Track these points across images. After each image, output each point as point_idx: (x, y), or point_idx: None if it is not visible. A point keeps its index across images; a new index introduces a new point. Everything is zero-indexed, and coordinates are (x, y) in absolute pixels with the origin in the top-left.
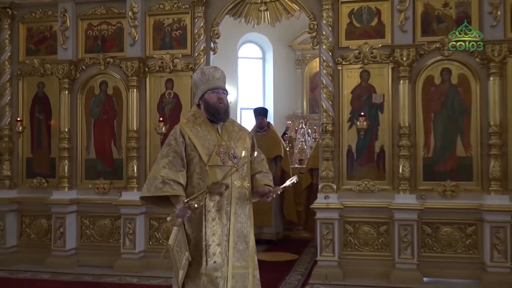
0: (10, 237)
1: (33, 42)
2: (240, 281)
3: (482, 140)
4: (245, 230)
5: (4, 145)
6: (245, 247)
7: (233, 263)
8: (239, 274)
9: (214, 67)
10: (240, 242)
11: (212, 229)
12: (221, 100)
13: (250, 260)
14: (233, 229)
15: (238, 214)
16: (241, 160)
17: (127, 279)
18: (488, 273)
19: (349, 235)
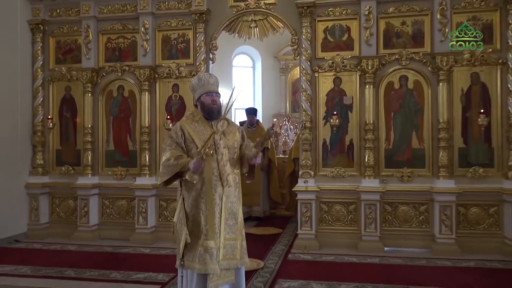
0: (43, 215)
1: (61, 52)
2: (230, 250)
3: (433, 135)
4: (235, 209)
5: (37, 139)
6: (234, 222)
7: (224, 236)
8: (229, 244)
9: (209, 74)
10: (230, 218)
11: (212, 208)
12: (214, 102)
13: (238, 233)
14: (225, 208)
15: (228, 195)
16: (231, 150)
17: (141, 249)
18: (437, 244)
19: (324, 212)
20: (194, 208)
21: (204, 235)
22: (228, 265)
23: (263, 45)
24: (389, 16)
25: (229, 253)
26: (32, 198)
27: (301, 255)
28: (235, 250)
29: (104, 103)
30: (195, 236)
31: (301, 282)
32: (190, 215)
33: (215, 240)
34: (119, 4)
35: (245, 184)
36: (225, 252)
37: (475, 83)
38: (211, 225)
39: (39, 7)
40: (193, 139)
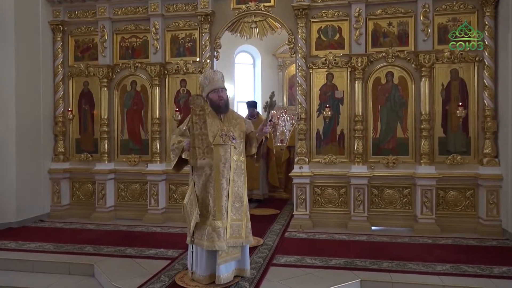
0: (64, 197)
1: (79, 51)
2: (236, 230)
3: (416, 125)
4: (240, 193)
5: (58, 129)
6: (240, 205)
7: (231, 217)
8: (236, 224)
9: (214, 71)
10: (237, 201)
11: (219, 192)
12: (221, 97)
13: (243, 214)
14: (231, 192)
15: (235, 180)
16: (237, 140)
17: (152, 228)
18: (419, 223)
19: (317, 195)
20: (203, 191)
21: (212, 216)
22: (234, 243)
23: (263, 44)
24: (377, 18)
25: (235, 232)
26: (55, 182)
27: (297, 234)
28: (241, 230)
29: (119, 96)
30: (203, 216)
31: (297, 257)
32: (200, 198)
33: (222, 221)
34: (132, 6)
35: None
36: (232, 231)
37: (454, 79)
38: (218, 207)
39: (59, 9)
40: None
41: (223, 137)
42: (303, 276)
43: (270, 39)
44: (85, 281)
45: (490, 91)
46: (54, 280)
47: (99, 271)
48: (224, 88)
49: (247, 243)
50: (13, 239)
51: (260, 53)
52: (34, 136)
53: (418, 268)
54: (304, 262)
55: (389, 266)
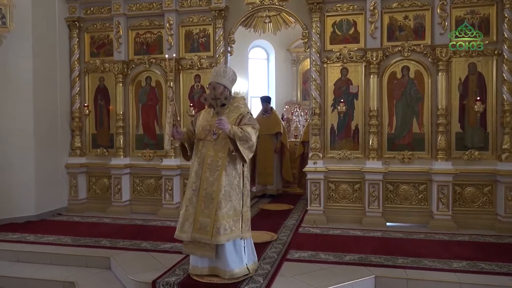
0: (81, 191)
1: (95, 47)
2: (204, 226)
3: (432, 120)
4: (210, 190)
5: (75, 124)
6: (210, 202)
7: (199, 212)
8: (204, 221)
9: (219, 66)
10: (207, 197)
11: (189, 185)
12: (210, 91)
13: (212, 213)
14: (202, 187)
15: (207, 176)
16: (221, 136)
17: (167, 222)
18: (435, 220)
19: (332, 191)
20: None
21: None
22: (199, 238)
23: (276, 38)
24: (392, 11)
25: (202, 228)
26: (72, 177)
27: (311, 229)
28: (208, 227)
29: (134, 92)
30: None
31: (311, 253)
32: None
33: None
34: (146, 2)
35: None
36: (199, 226)
37: (472, 73)
38: (185, 200)
39: (75, 5)
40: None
41: (205, 132)
42: (317, 272)
43: (284, 33)
44: (101, 273)
45: (509, 85)
46: (72, 273)
47: (115, 264)
48: (217, 82)
49: (214, 243)
50: (32, 232)
51: (274, 48)
52: (52, 131)
53: (434, 265)
54: (318, 258)
55: (404, 262)
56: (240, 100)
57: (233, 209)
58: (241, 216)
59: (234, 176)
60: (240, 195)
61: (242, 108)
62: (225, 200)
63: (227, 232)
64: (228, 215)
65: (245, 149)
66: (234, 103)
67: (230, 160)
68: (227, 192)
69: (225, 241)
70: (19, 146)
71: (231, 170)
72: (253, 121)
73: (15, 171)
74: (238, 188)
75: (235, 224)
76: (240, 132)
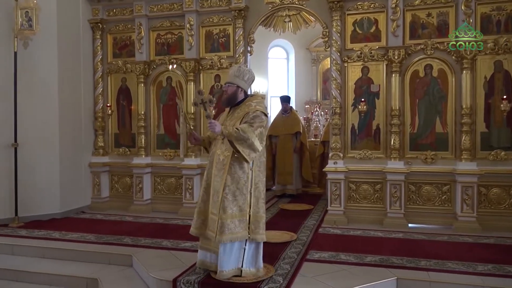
0: (104, 190)
1: (117, 48)
2: (211, 223)
3: (456, 120)
4: (217, 187)
5: (98, 124)
6: (216, 199)
7: (210, 210)
8: (211, 219)
9: (235, 65)
10: (215, 195)
11: (202, 183)
12: (225, 91)
13: (221, 210)
14: (212, 186)
15: (215, 175)
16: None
17: (187, 221)
18: (459, 221)
19: (352, 191)
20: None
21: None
22: (207, 235)
23: (296, 38)
24: (415, 9)
25: (211, 226)
26: (95, 176)
27: (331, 229)
28: (214, 225)
29: (155, 92)
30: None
31: (331, 253)
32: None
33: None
34: (167, 3)
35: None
36: (209, 224)
37: (498, 71)
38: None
39: (98, 7)
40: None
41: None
42: (338, 273)
43: (304, 33)
44: (124, 271)
45: None
46: (95, 269)
47: (137, 262)
48: (229, 83)
49: (218, 241)
50: (57, 229)
51: (294, 48)
52: (76, 131)
53: (457, 268)
54: (338, 258)
55: (427, 264)
56: (255, 99)
57: (238, 209)
58: (248, 217)
59: (240, 176)
60: (247, 195)
61: (252, 106)
62: (229, 199)
63: (231, 232)
64: (233, 214)
65: (245, 148)
66: (247, 102)
67: (236, 159)
68: (231, 191)
69: (228, 240)
70: (45, 146)
71: (236, 169)
72: (256, 119)
73: (41, 170)
74: (245, 188)
75: (240, 224)
76: (235, 132)
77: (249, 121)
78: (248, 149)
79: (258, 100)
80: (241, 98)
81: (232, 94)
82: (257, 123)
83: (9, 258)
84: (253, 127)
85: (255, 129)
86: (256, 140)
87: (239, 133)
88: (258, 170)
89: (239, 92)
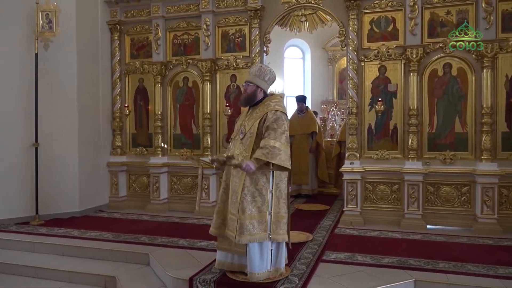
0: (122, 189)
1: (135, 49)
2: (230, 223)
3: (476, 119)
4: (236, 188)
5: (116, 124)
6: (235, 200)
7: (229, 210)
8: (231, 219)
9: (255, 64)
10: (234, 196)
11: (221, 183)
12: (244, 91)
13: (239, 211)
14: (231, 186)
15: (233, 175)
16: (247, 134)
17: (204, 221)
18: (479, 223)
19: (369, 192)
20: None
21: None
22: (227, 234)
23: (312, 37)
24: (433, 7)
25: (231, 225)
26: (113, 175)
27: (347, 230)
28: (234, 225)
29: (172, 92)
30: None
31: (347, 254)
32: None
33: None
34: (184, 4)
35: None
36: (229, 224)
37: None
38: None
39: (116, 9)
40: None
41: (237, 132)
42: (354, 274)
43: (320, 32)
44: (141, 269)
45: None
46: (113, 267)
47: (154, 260)
48: (249, 82)
49: (237, 242)
50: (76, 227)
51: (310, 47)
52: (94, 131)
53: (477, 270)
54: (354, 259)
55: (446, 266)
56: (274, 98)
57: (257, 210)
58: (269, 218)
59: (259, 177)
60: (267, 196)
61: (271, 105)
62: (247, 200)
63: (250, 233)
64: (251, 215)
65: (281, 161)
66: (266, 101)
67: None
68: (250, 192)
69: (247, 241)
70: (64, 145)
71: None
72: (278, 122)
73: (61, 169)
74: (265, 189)
75: (259, 225)
76: (264, 154)
77: (270, 126)
78: (284, 158)
79: (277, 100)
80: (260, 98)
81: (251, 94)
82: (280, 129)
83: (30, 255)
84: (277, 135)
85: (281, 137)
86: (285, 146)
87: (268, 150)
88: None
89: (259, 92)
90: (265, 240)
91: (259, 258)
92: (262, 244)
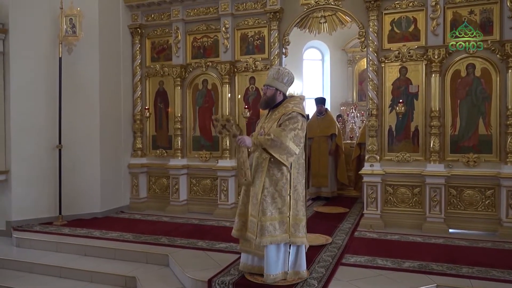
0: (142, 191)
1: (155, 52)
2: (251, 226)
3: (501, 121)
4: (256, 189)
5: (136, 126)
6: (255, 202)
7: (250, 212)
8: (251, 221)
9: (274, 67)
10: (254, 198)
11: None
12: (263, 93)
13: (260, 213)
14: (252, 188)
15: (254, 177)
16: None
17: (222, 222)
18: (504, 227)
19: (389, 194)
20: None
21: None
22: (247, 236)
23: (331, 39)
24: (456, 6)
25: (251, 228)
26: (133, 177)
27: (367, 233)
28: (254, 227)
29: (191, 95)
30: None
31: (367, 257)
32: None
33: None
34: (203, 7)
35: (315, 167)
36: (250, 226)
37: None
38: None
39: (137, 13)
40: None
41: (257, 134)
42: (374, 278)
43: (340, 33)
44: (160, 270)
45: None
46: (133, 268)
47: (173, 262)
48: (268, 85)
49: (258, 243)
50: (98, 228)
51: (329, 49)
52: (116, 133)
53: (503, 276)
54: (375, 263)
55: (469, 272)
56: (293, 100)
57: (278, 211)
58: (288, 220)
59: (279, 178)
60: (286, 198)
61: (289, 107)
62: (268, 201)
63: (271, 234)
64: (272, 217)
65: (281, 154)
66: (285, 103)
67: (274, 161)
68: (270, 193)
69: (268, 243)
70: (87, 147)
71: (274, 172)
72: (290, 121)
73: (83, 171)
74: (284, 190)
75: (280, 227)
76: (267, 140)
77: (283, 124)
78: (285, 153)
79: (296, 101)
80: (279, 100)
81: (271, 96)
82: (291, 125)
83: (54, 255)
84: (286, 130)
85: (288, 132)
86: (290, 143)
87: (271, 139)
88: (297, 172)
89: (278, 95)
90: (287, 241)
91: (275, 259)
92: (279, 246)
